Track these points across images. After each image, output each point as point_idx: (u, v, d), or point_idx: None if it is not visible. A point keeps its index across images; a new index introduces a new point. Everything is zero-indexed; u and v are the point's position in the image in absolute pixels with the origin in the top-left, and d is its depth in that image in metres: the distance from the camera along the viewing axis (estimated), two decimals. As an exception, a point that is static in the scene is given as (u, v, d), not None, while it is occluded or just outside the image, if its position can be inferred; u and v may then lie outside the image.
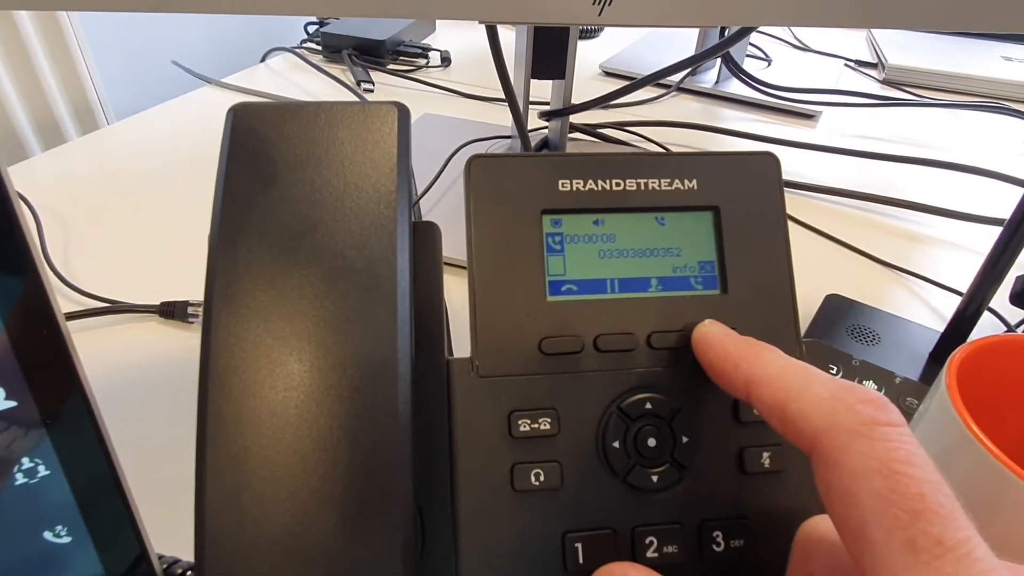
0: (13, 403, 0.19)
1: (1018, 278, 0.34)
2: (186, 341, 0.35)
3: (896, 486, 0.12)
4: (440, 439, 0.18)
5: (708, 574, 0.18)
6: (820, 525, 0.17)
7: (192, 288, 0.37)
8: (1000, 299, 0.34)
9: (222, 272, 0.15)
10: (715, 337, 0.18)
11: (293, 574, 0.14)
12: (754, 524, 0.19)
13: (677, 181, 0.20)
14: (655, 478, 0.18)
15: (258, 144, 0.17)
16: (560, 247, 0.20)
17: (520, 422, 0.18)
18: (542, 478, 0.18)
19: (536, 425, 0.18)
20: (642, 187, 0.20)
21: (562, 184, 0.20)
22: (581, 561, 0.18)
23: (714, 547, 0.18)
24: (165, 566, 0.23)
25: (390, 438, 0.15)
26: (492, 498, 0.18)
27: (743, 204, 0.20)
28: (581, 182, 0.20)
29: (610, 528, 0.18)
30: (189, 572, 0.24)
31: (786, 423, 0.15)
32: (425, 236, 0.18)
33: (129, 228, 0.45)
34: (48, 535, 0.20)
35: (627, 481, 0.18)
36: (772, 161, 0.21)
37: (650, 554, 0.18)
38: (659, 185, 0.20)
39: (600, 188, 0.20)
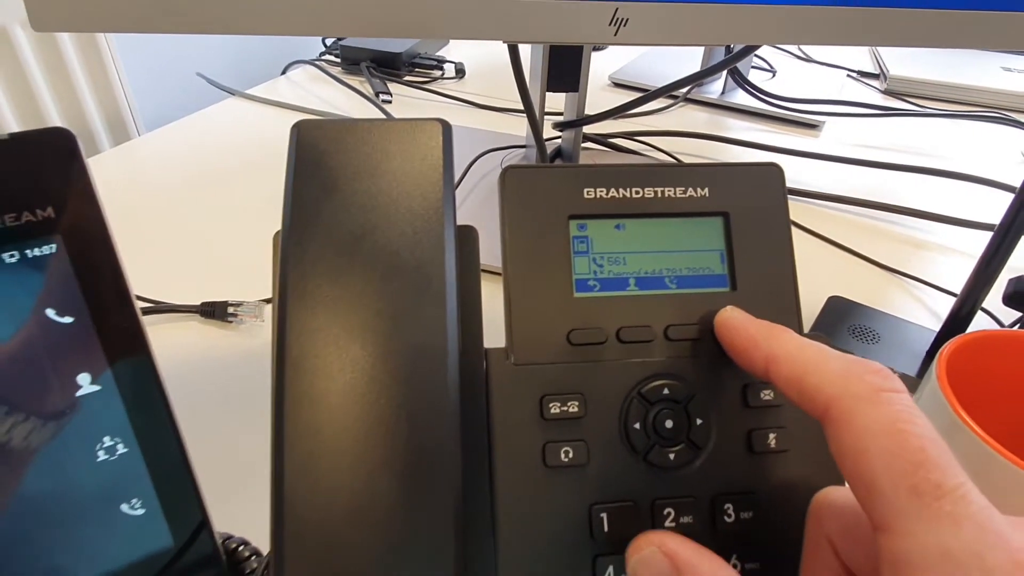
0: (97, 387, 0.21)
1: (1010, 280, 0.35)
2: (226, 339, 0.37)
3: (901, 441, 0.14)
4: (479, 419, 0.20)
5: (720, 542, 0.20)
6: (831, 494, 0.19)
7: (228, 290, 0.40)
8: (994, 300, 0.36)
9: (294, 268, 0.18)
10: (737, 320, 0.20)
11: (359, 532, 0.16)
12: (761, 498, 0.21)
13: (691, 190, 0.22)
14: (672, 456, 0.20)
15: (320, 157, 0.19)
16: (586, 249, 0.22)
17: (551, 405, 0.20)
18: (571, 455, 0.20)
19: (565, 408, 0.20)
20: (659, 195, 0.22)
21: (587, 192, 0.22)
22: (606, 530, 0.20)
23: (726, 518, 0.20)
24: (221, 540, 0.25)
25: (442, 418, 0.17)
26: (526, 473, 0.20)
27: (751, 210, 0.23)
28: (604, 190, 0.22)
29: (632, 501, 0.20)
30: (240, 547, 0.26)
31: (803, 394, 0.17)
32: (465, 238, 0.20)
33: (163, 233, 0.47)
34: (125, 507, 0.22)
35: (647, 459, 0.20)
36: (777, 171, 0.23)
37: (668, 524, 0.20)
38: (674, 193, 0.22)
39: (621, 196, 0.22)
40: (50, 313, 0.20)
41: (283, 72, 0.78)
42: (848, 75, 0.86)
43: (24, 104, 0.57)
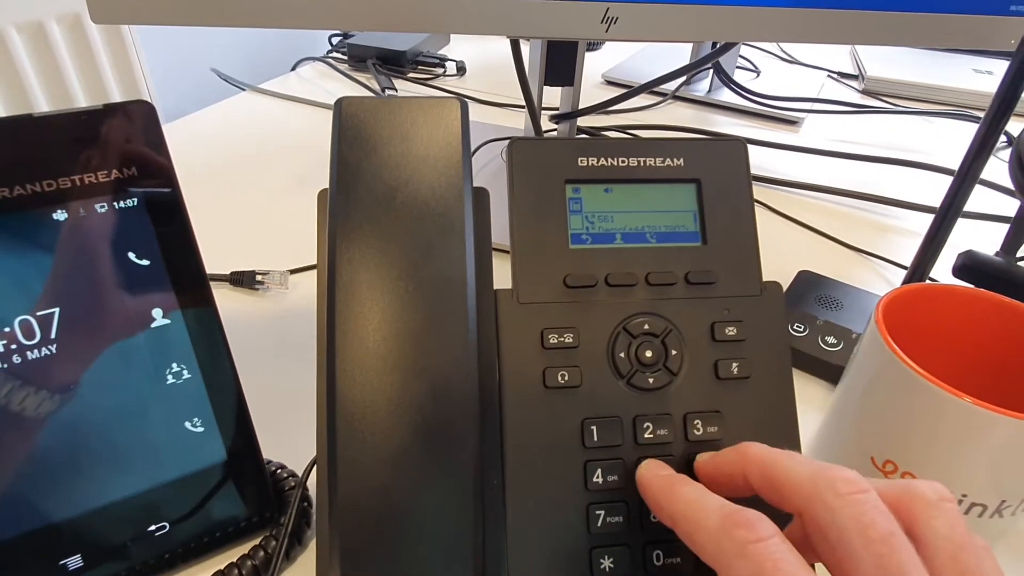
0: (168, 321, 0.25)
1: (960, 254, 0.40)
2: (254, 304, 0.41)
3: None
4: (490, 347, 0.24)
5: (690, 451, 0.24)
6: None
7: (249, 262, 0.43)
8: (944, 272, 0.40)
9: (341, 214, 0.22)
10: (646, 481, 0.22)
11: (395, 420, 0.20)
12: (725, 416, 0.25)
13: (668, 160, 0.27)
14: (651, 380, 0.24)
15: (361, 125, 0.23)
16: (579, 208, 0.26)
17: (549, 336, 0.24)
18: (566, 378, 0.24)
19: (562, 339, 0.24)
20: (642, 163, 0.26)
21: (581, 161, 0.26)
22: (596, 440, 0.24)
23: (695, 431, 0.24)
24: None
25: (463, 336, 0.21)
26: (529, 392, 0.24)
27: (719, 177, 0.27)
28: (596, 159, 0.26)
29: (617, 416, 0.24)
30: (279, 470, 0.30)
31: (695, 550, 0.19)
32: (480, 196, 0.24)
33: (190, 211, 0.51)
34: (188, 424, 0.26)
35: (630, 382, 0.24)
36: (741, 146, 0.27)
37: (647, 435, 0.24)
38: (654, 162, 0.26)
39: (610, 164, 0.26)
40: (131, 255, 0.24)
41: (293, 68, 0.82)
42: (828, 75, 0.90)
43: (55, 93, 0.61)
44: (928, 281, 0.39)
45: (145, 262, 0.24)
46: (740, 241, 0.26)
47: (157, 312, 0.24)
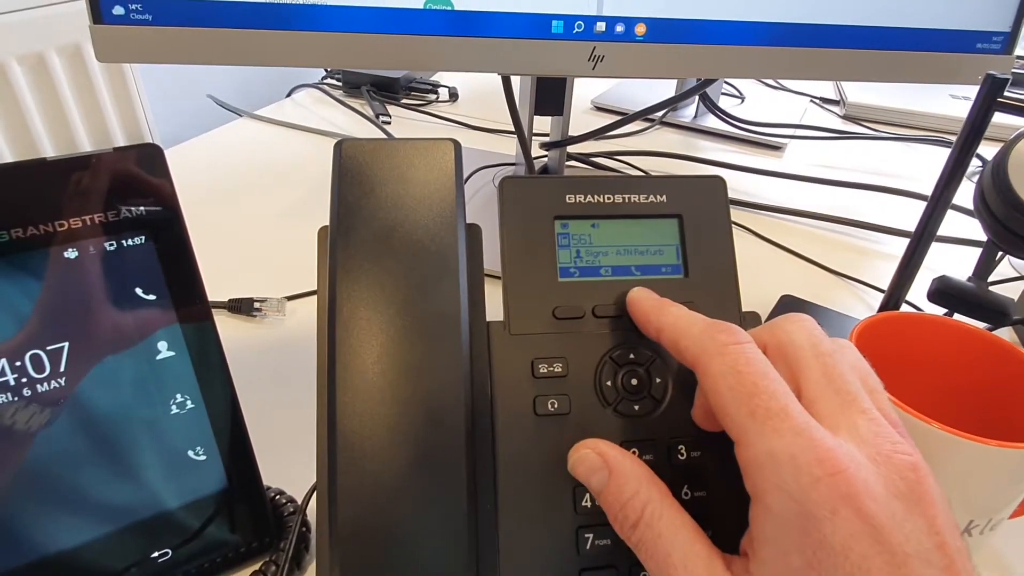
0: (172, 353, 0.26)
1: (934, 279, 0.41)
2: (252, 331, 0.42)
3: (738, 379, 0.20)
4: (483, 378, 0.25)
5: (674, 475, 0.25)
6: None
7: (247, 289, 0.44)
8: (920, 296, 0.42)
9: (342, 252, 0.23)
10: (637, 300, 0.25)
11: (393, 450, 0.21)
12: (707, 441, 0.26)
13: (651, 196, 0.28)
14: (636, 407, 0.26)
15: (359, 167, 0.24)
16: (567, 243, 0.27)
17: (540, 366, 0.25)
18: (556, 406, 0.25)
19: (551, 368, 0.25)
20: (626, 200, 0.28)
21: (569, 197, 0.27)
22: (584, 465, 0.25)
23: (679, 456, 0.25)
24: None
25: (456, 368, 0.22)
26: (520, 420, 0.25)
27: (700, 213, 0.28)
28: (583, 196, 0.27)
29: (605, 442, 0.25)
30: (278, 495, 0.30)
31: (678, 353, 0.23)
32: (473, 233, 0.26)
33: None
34: (191, 453, 0.26)
35: (617, 409, 0.26)
36: (720, 182, 0.29)
37: (632, 458, 0.25)
38: (639, 199, 0.28)
39: (597, 200, 0.27)
40: (138, 291, 0.25)
41: (288, 95, 0.84)
42: (811, 101, 0.93)
43: (55, 122, 0.62)
44: (905, 305, 0.41)
45: (151, 296, 0.25)
46: (720, 273, 0.28)
47: (162, 345, 0.25)
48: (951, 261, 0.54)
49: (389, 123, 0.75)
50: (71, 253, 0.23)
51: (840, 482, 0.17)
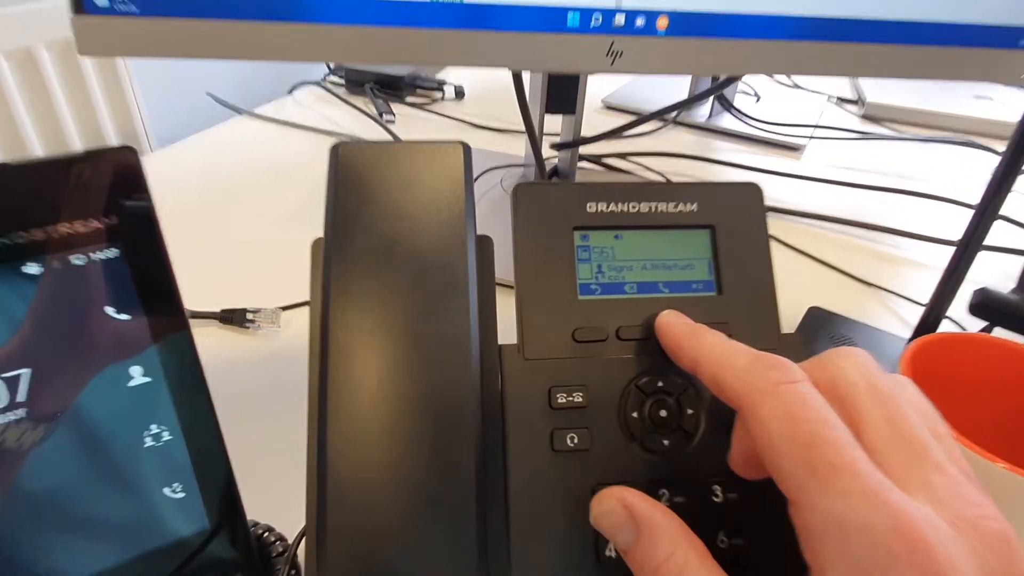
0: (148, 379, 0.23)
1: (976, 291, 0.38)
2: (246, 344, 0.40)
3: (794, 427, 0.16)
4: (494, 408, 0.22)
5: (709, 520, 0.22)
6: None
7: (242, 299, 0.42)
8: (960, 311, 0.39)
9: (336, 268, 0.20)
10: (668, 325, 0.22)
11: (391, 500, 0.18)
12: (747, 480, 0.23)
13: (681, 204, 0.25)
14: (666, 442, 0.23)
15: (358, 174, 0.22)
16: (588, 256, 0.24)
17: (558, 395, 0.23)
18: (575, 441, 0.22)
19: (571, 398, 0.23)
20: (653, 209, 0.25)
21: (589, 206, 0.25)
22: (607, 508, 0.22)
23: (714, 499, 0.23)
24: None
25: (465, 401, 0.20)
26: (535, 456, 0.22)
27: (734, 223, 0.25)
28: (605, 204, 0.25)
29: (630, 482, 0.22)
30: (266, 533, 0.28)
31: (719, 389, 0.19)
32: (484, 246, 0.23)
33: (178, 244, 0.49)
34: (167, 491, 0.24)
35: (644, 445, 0.23)
36: (756, 189, 0.26)
37: (662, 503, 0.22)
38: (667, 208, 0.25)
39: (620, 209, 0.25)
40: (109, 311, 0.22)
41: (289, 92, 0.81)
42: (828, 100, 0.90)
43: (45, 120, 0.60)
44: (945, 319, 0.38)
45: (124, 317, 0.22)
46: (757, 291, 0.25)
47: (136, 370, 0.23)
48: (989, 271, 0.51)
49: (393, 122, 0.73)
50: (32, 268, 0.21)
51: (923, 560, 0.14)
